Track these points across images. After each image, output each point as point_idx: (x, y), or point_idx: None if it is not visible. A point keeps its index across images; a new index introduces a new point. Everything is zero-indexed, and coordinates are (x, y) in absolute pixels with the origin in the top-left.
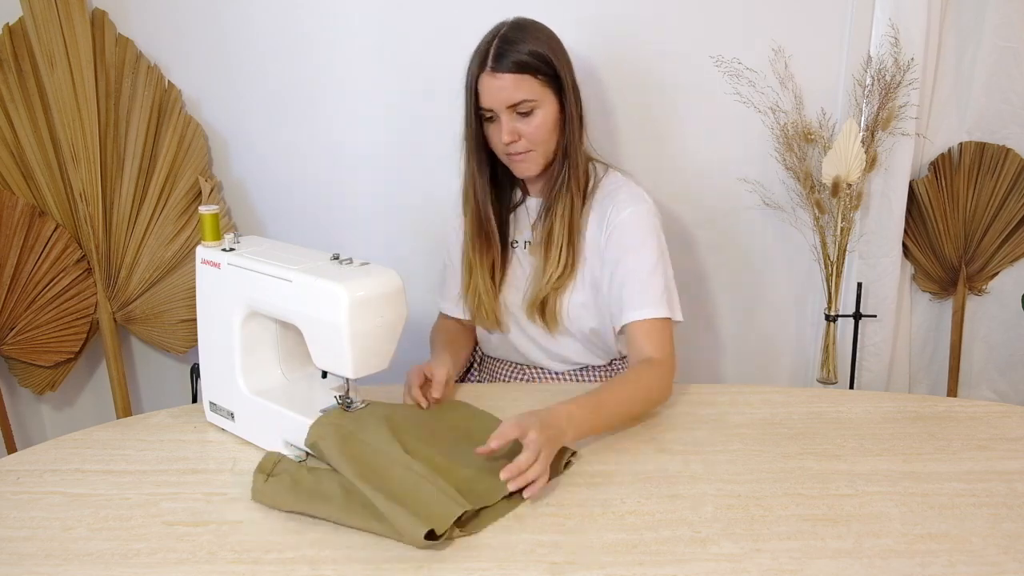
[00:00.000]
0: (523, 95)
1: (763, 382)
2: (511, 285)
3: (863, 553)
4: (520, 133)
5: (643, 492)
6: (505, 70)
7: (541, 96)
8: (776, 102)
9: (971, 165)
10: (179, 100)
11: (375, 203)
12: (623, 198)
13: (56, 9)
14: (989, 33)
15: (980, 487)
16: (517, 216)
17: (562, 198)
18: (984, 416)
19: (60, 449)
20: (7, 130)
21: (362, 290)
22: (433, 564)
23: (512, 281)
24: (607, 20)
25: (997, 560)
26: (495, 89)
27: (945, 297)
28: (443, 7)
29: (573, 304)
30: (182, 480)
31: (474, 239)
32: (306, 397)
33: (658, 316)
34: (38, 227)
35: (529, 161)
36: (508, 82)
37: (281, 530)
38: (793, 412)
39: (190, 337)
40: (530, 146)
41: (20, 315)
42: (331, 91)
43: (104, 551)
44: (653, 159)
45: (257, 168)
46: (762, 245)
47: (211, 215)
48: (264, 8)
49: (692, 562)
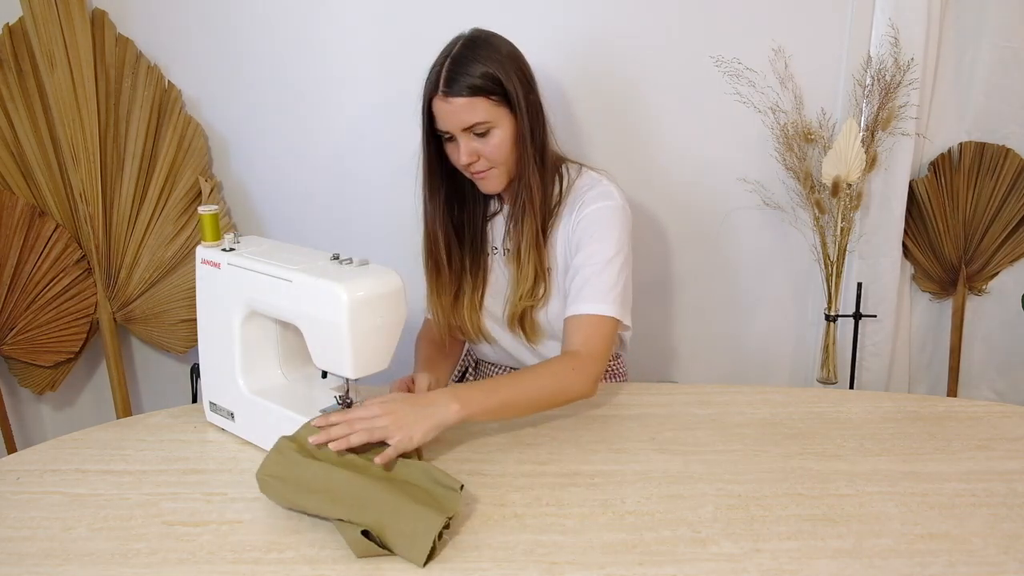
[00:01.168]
0: (477, 118)
1: (763, 382)
2: (495, 295)
3: (863, 553)
4: (479, 153)
5: (643, 492)
6: (456, 94)
7: (495, 117)
8: (776, 102)
9: (971, 165)
10: (179, 100)
11: (375, 203)
12: (591, 196)
13: (56, 9)
14: (989, 33)
15: (980, 487)
16: (495, 224)
17: (525, 212)
18: (984, 416)
19: (60, 449)
20: (7, 130)
21: (362, 290)
22: (433, 564)
23: (497, 290)
24: (607, 20)
25: (997, 560)
26: (448, 113)
27: (945, 297)
28: (443, 8)
29: (551, 315)
30: (182, 480)
31: (427, 261)
32: (306, 397)
33: (597, 313)
34: (38, 227)
35: (491, 178)
36: (460, 106)
37: (281, 530)
38: (793, 412)
39: (190, 337)
40: (490, 164)
41: (20, 315)
42: (331, 91)
43: (104, 551)
44: (653, 159)
45: (257, 168)
46: (762, 245)
47: (211, 215)
48: (264, 8)
49: (692, 562)
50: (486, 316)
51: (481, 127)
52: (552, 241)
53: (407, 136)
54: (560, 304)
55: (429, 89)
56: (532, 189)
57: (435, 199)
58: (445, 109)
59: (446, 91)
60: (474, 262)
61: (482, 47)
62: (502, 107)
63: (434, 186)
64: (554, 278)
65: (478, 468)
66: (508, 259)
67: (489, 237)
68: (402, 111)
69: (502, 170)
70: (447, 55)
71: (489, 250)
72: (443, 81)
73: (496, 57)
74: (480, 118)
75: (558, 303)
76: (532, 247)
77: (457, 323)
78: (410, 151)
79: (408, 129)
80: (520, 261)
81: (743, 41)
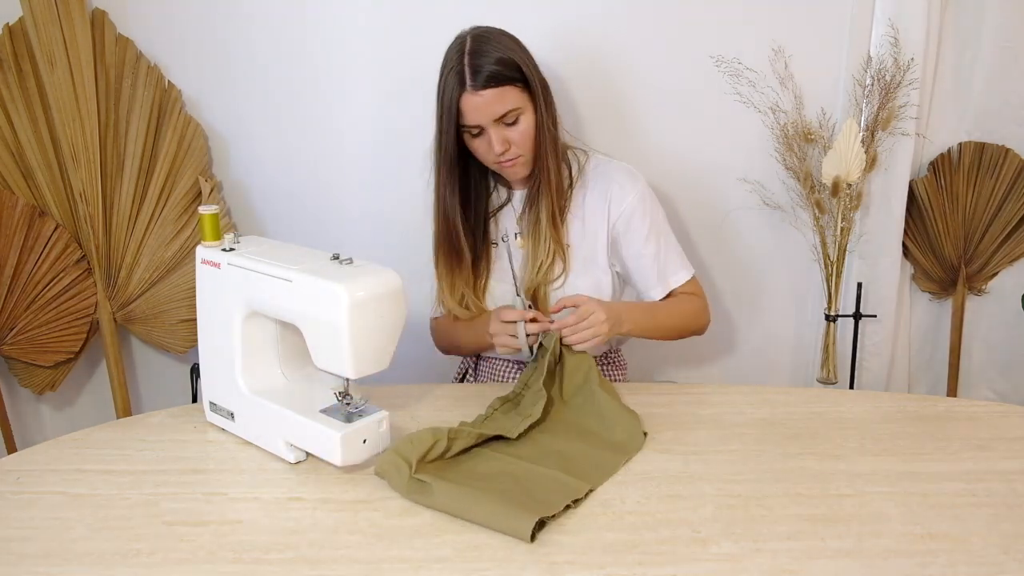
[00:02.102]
0: (508, 106)
1: (763, 382)
2: (500, 280)
3: (863, 553)
4: (509, 141)
5: (643, 492)
6: (485, 86)
7: (522, 103)
8: (776, 102)
9: (971, 165)
10: (179, 100)
11: (375, 203)
12: (621, 179)
13: (56, 9)
14: (989, 33)
15: (980, 487)
16: (501, 216)
17: (542, 192)
18: (984, 416)
19: (60, 449)
20: (7, 130)
21: (362, 290)
22: (433, 564)
23: (501, 276)
24: (607, 20)
25: (997, 560)
26: (480, 106)
27: (945, 297)
28: (443, 8)
29: (571, 289)
30: (182, 480)
31: (445, 253)
32: (306, 397)
33: (688, 279)
34: (38, 227)
35: (520, 165)
36: (491, 97)
37: (281, 530)
38: (793, 412)
39: (190, 337)
40: (519, 151)
41: (20, 315)
42: (331, 91)
43: (104, 551)
44: (653, 159)
45: (257, 168)
46: (762, 245)
47: (211, 215)
48: (264, 8)
49: (692, 562)
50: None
51: (511, 115)
52: (568, 220)
53: (407, 136)
54: (583, 280)
55: (454, 87)
56: (550, 170)
57: (455, 194)
58: (476, 103)
59: (474, 84)
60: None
61: (493, 38)
62: (524, 92)
63: (454, 179)
64: (574, 255)
65: None
66: (524, 238)
67: (492, 230)
68: (402, 111)
69: (529, 155)
70: (461, 52)
71: (499, 240)
72: (469, 76)
73: (509, 45)
74: (511, 105)
75: (580, 278)
76: (550, 225)
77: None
78: (410, 150)
79: (408, 129)
80: (538, 238)
81: (743, 41)
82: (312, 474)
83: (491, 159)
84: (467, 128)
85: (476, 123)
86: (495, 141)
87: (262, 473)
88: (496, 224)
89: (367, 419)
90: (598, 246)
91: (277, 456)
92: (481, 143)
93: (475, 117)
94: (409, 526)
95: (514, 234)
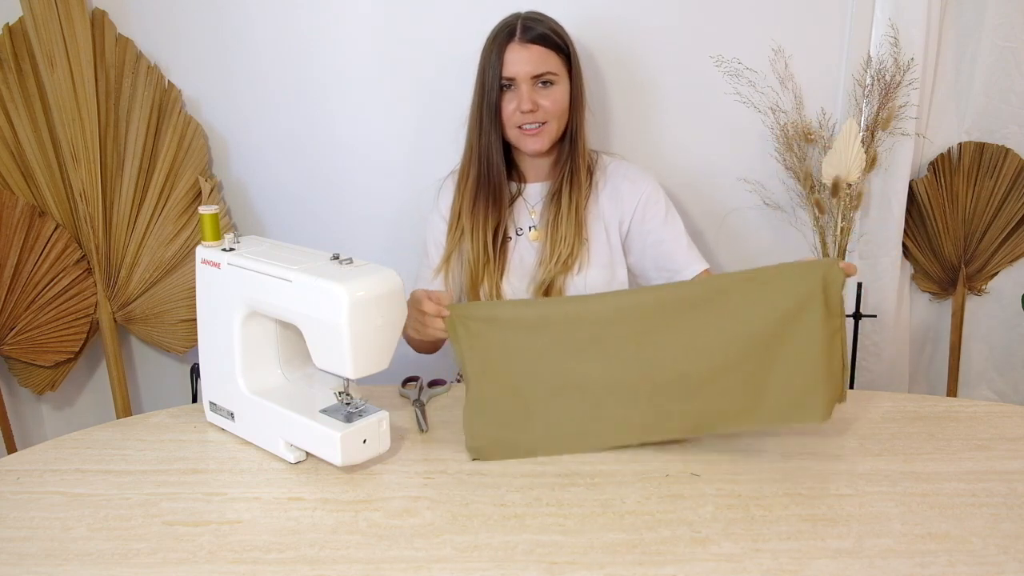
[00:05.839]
0: (548, 67)
1: None
2: (513, 273)
3: (863, 553)
4: (538, 104)
5: (643, 492)
6: (532, 41)
7: (561, 72)
8: (776, 102)
9: (970, 165)
10: (179, 100)
11: (375, 203)
12: (634, 175)
13: (56, 9)
14: (989, 33)
15: (980, 487)
16: (514, 209)
17: (569, 180)
18: (984, 416)
19: (60, 449)
20: (7, 130)
21: (362, 290)
22: (433, 564)
23: (514, 269)
24: (607, 19)
25: (997, 560)
26: (523, 59)
27: (945, 297)
28: (443, 8)
29: (590, 281)
30: (182, 480)
31: (478, 200)
32: (306, 397)
33: (703, 270)
34: (38, 227)
35: (542, 134)
36: (536, 53)
37: (281, 530)
38: None
39: (190, 337)
40: (546, 117)
41: (20, 315)
42: (331, 91)
43: (104, 551)
44: (653, 159)
45: (257, 168)
46: (762, 245)
47: (211, 215)
48: (264, 8)
49: (692, 562)
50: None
51: (548, 77)
52: (585, 215)
53: (407, 136)
54: (600, 273)
55: (503, 38)
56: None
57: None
58: (522, 55)
59: (524, 37)
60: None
61: (546, 17)
62: (565, 66)
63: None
64: (591, 249)
65: (478, 468)
66: (541, 229)
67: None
68: (402, 111)
69: (553, 126)
70: (516, 17)
71: (514, 233)
72: (520, 31)
73: (558, 26)
74: (551, 68)
75: (596, 272)
76: (573, 212)
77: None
78: (410, 150)
79: (408, 129)
80: (560, 225)
81: (743, 41)
82: (312, 474)
83: (516, 120)
84: (504, 80)
85: (513, 74)
86: (525, 97)
87: (262, 473)
88: (511, 216)
89: (367, 419)
90: (613, 240)
91: (277, 456)
92: (509, 99)
93: (515, 68)
94: (409, 526)
95: (528, 228)
